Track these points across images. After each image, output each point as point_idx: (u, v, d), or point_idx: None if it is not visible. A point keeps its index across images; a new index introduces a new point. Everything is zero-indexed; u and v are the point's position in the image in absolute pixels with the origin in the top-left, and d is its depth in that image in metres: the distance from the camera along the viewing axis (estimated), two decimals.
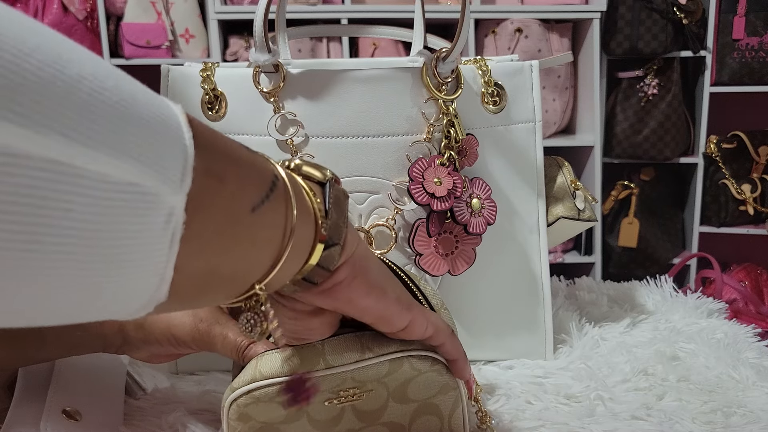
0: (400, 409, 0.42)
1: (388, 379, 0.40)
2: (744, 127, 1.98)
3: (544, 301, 0.61)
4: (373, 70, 0.54)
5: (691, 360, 0.60)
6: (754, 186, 1.94)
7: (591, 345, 0.63)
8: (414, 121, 0.55)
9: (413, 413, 0.43)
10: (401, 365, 0.40)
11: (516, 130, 0.59)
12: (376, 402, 0.41)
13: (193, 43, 1.87)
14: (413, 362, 0.40)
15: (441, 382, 0.42)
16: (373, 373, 0.40)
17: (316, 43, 1.82)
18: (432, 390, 0.42)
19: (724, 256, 1.90)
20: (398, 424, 0.43)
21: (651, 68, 1.90)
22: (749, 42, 1.86)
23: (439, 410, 0.43)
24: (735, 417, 0.51)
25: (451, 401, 0.43)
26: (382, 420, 0.42)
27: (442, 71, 0.54)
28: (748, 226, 1.97)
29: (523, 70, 0.59)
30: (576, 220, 0.63)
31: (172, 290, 0.23)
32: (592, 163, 1.91)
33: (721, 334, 0.65)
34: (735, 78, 1.88)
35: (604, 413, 0.51)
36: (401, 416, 0.42)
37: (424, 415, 0.43)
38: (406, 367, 0.40)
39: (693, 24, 1.85)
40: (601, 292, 0.76)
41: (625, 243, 1.99)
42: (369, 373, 0.40)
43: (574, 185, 0.64)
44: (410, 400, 0.42)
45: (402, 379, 0.41)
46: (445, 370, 0.42)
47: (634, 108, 1.92)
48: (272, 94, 0.54)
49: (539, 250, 0.61)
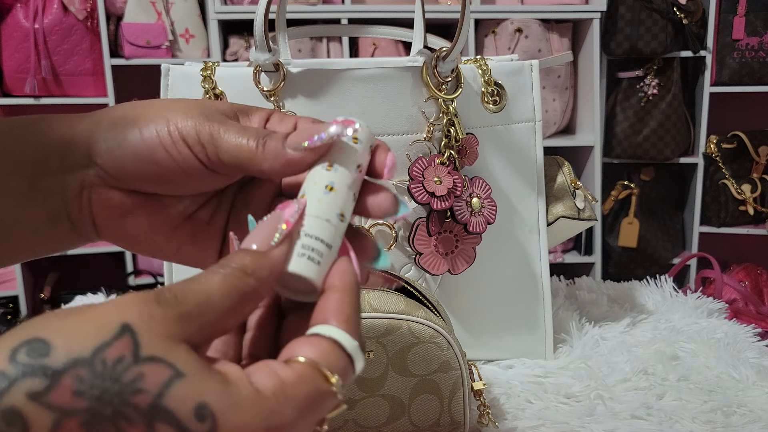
0: (400, 382, 0.43)
1: (387, 340, 0.42)
2: (744, 127, 1.98)
3: (544, 301, 0.61)
4: (374, 69, 0.54)
5: (691, 360, 0.60)
6: (754, 186, 1.94)
7: (591, 344, 0.63)
8: (414, 121, 0.55)
9: (413, 389, 0.44)
10: (399, 327, 0.42)
11: (516, 129, 0.59)
12: (376, 368, 0.42)
13: (193, 43, 1.87)
14: (412, 327, 0.42)
15: (441, 358, 0.43)
16: (371, 326, 0.41)
17: (316, 43, 1.82)
18: (432, 365, 0.43)
19: (724, 256, 1.90)
20: (398, 399, 0.43)
21: (651, 68, 1.90)
22: (749, 42, 1.86)
23: (438, 389, 0.44)
24: (735, 416, 0.51)
25: (451, 381, 0.44)
26: (382, 391, 0.43)
27: (442, 71, 0.54)
28: (748, 226, 1.97)
29: (523, 69, 0.59)
30: (576, 219, 0.63)
31: None
32: (592, 163, 1.91)
33: (721, 333, 0.65)
34: (735, 78, 1.88)
35: (604, 412, 0.51)
36: (401, 390, 0.44)
37: (423, 393, 0.44)
38: (405, 330, 0.42)
39: (693, 24, 1.85)
40: (601, 291, 0.76)
41: (625, 243, 1.99)
42: (366, 325, 0.41)
43: (574, 185, 0.64)
44: (410, 374, 0.43)
45: (401, 344, 0.42)
46: (447, 346, 0.43)
47: (634, 108, 1.92)
48: (272, 93, 0.54)
49: (539, 249, 0.61)
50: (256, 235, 0.25)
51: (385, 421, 0.44)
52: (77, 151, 0.30)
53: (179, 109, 0.30)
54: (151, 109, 0.30)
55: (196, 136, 0.29)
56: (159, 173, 0.29)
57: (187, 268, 0.56)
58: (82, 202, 0.31)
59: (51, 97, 1.82)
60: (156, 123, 0.29)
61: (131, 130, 0.29)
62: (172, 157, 0.29)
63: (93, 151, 0.30)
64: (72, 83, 1.82)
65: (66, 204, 0.30)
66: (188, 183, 0.30)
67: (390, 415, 0.44)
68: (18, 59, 1.77)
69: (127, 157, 0.29)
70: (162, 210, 0.32)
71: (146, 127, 0.29)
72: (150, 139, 0.29)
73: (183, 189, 0.31)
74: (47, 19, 1.76)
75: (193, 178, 0.30)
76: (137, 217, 0.31)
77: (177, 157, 0.29)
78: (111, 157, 0.29)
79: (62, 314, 0.21)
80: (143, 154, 0.29)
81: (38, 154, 0.29)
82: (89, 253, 1.89)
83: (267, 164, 0.28)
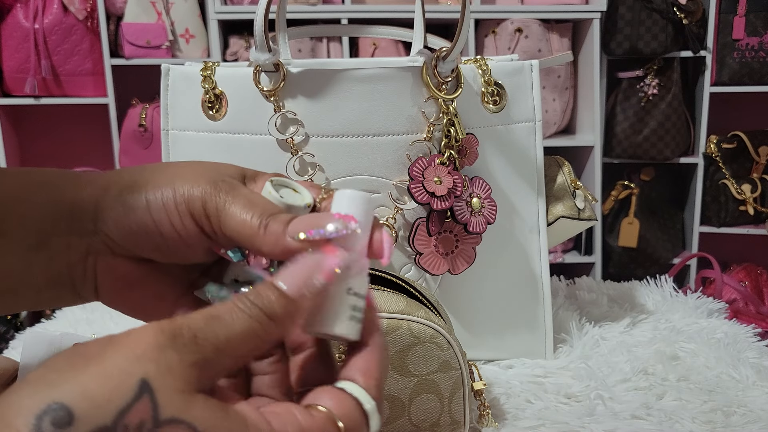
0: (400, 382, 0.43)
1: (386, 340, 0.42)
2: (744, 127, 1.98)
3: (544, 301, 0.61)
4: (374, 69, 0.54)
5: (691, 360, 0.60)
6: (754, 186, 1.94)
7: (591, 344, 0.63)
8: (414, 121, 0.55)
9: (413, 389, 0.43)
10: (399, 327, 0.42)
11: (516, 129, 0.59)
12: None
13: (193, 43, 1.87)
14: (412, 327, 0.42)
15: (441, 358, 0.43)
16: None
17: (316, 43, 1.82)
18: (431, 365, 0.43)
19: (724, 256, 1.90)
20: (398, 399, 0.43)
21: (651, 68, 1.90)
22: (749, 42, 1.86)
23: (438, 389, 0.44)
24: (735, 417, 0.51)
25: (451, 381, 0.44)
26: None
27: (442, 71, 0.54)
28: (748, 226, 1.97)
29: (523, 69, 0.59)
30: (576, 219, 0.63)
31: None
32: (592, 163, 1.91)
33: (721, 333, 0.65)
34: (735, 78, 1.88)
35: (604, 413, 0.51)
36: (401, 390, 0.43)
37: (423, 393, 0.44)
38: (405, 330, 0.42)
39: (693, 24, 1.85)
40: (601, 291, 0.76)
41: (625, 243, 1.99)
42: None
43: (574, 185, 0.64)
44: (410, 373, 0.43)
45: (401, 344, 0.42)
46: (447, 345, 0.42)
47: (634, 108, 1.92)
48: (272, 93, 0.54)
49: (539, 249, 0.61)
50: (292, 275, 0.25)
51: (384, 421, 0.44)
52: (85, 217, 0.30)
53: (188, 175, 0.30)
54: (160, 176, 0.30)
55: (202, 208, 0.29)
56: (164, 244, 0.30)
57: None
58: (86, 267, 0.31)
59: (51, 97, 1.82)
60: (163, 191, 0.29)
61: (138, 200, 0.30)
62: (178, 232, 0.29)
63: (100, 218, 0.30)
64: (72, 83, 1.82)
65: (70, 268, 0.31)
66: (193, 253, 0.31)
67: (390, 415, 0.44)
68: (18, 59, 1.77)
69: (132, 227, 0.30)
70: (166, 278, 0.32)
71: (153, 196, 0.29)
72: (156, 211, 0.29)
73: (188, 258, 0.31)
74: (47, 19, 1.76)
75: (198, 248, 0.30)
76: (141, 288, 0.32)
77: (182, 232, 0.29)
78: (117, 227, 0.30)
79: (80, 365, 0.21)
80: (149, 227, 0.29)
81: (46, 217, 0.30)
82: None
83: (266, 248, 0.28)
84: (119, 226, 0.30)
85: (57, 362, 0.21)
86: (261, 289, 0.24)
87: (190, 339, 0.22)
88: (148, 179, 0.30)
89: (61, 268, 0.31)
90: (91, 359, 0.21)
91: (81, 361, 0.21)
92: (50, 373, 0.20)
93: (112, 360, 0.21)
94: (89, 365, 0.21)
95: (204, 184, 0.29)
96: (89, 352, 0.21)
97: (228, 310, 0.24)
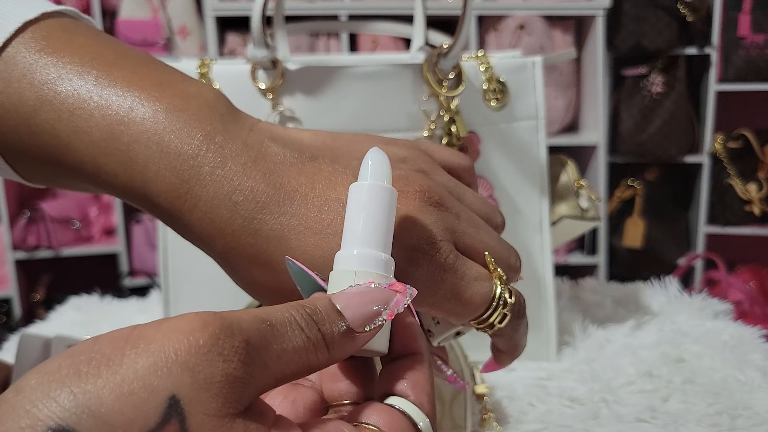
0: None
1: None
2: (750, 125, 1.96)
3: (548, 302, 0.60)
4: (374, 66, 0.53)
5: (696, 362, 0.59)
6: (760, 186, 1.93)
7: (595, 347, 0.62)
8: (415, 118, 0.54)
9: None
10: None
11: (519, 127, 0.58)
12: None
13: (189, 40, 1.86)
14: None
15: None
16: None
17: (315, 40, 1.81)
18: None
19: (730, 257, 1.89)
20: None
21: (656, 66, 1.89)
22: (755, 39, 1.85)
23: (439, 392, 0.43)
24: (741, 419, 0.50)
25: (452, 385, 0.43)
26: None
27: (443, 67, 0.53)
28: (754, 226, 1.95)
29: (526, 66, 0.58)
30: (580, 219, 0.62)
31: None
32: (596, 162, 1.90)
33: (726, 335, 0.64)
34: (741, 76, 1.87)
35: (608, 416, 0.50)
36: None
37: None
38: None
39: (698, 21, 1.83)
40: (606, 293, 0.75)
41: (629, 243, 1.98)
42: None
43: (578, 184, 0.63)
44: None
45: None
46: (449, 348, 0.42)
47: (638, 106, 1.90)
48: (270, 90, 0.53)
49: (542, 249, 0.60)
50: (359, 307, 0.21)
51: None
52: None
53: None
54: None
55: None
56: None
57: (186, 270, 0.55)
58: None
59: None
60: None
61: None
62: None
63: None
64: None
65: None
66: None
67: None
68: None
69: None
70: None
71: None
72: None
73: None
74: None
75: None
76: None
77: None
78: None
79: (89, 371, 0.16)
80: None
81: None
82: (83, 254, 1.89)
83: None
84: None
85: (58, 366, 0.16)
86: (321, 306, 0.21)
87: (242, 345, 0.17)
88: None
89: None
90: (103, 363, 0.16)
91: (90, 365, 0.16)
92: (49, 383, 0.16)
93: (132, 365, 0.16)
94: (101, 372, 0.16)
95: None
96: (101, 351, 0.16)
97: (282, 319, 0.19)
